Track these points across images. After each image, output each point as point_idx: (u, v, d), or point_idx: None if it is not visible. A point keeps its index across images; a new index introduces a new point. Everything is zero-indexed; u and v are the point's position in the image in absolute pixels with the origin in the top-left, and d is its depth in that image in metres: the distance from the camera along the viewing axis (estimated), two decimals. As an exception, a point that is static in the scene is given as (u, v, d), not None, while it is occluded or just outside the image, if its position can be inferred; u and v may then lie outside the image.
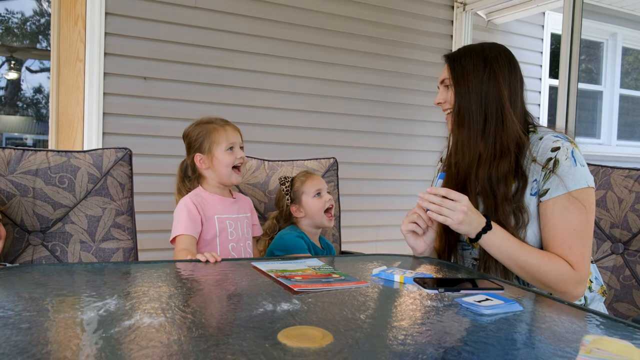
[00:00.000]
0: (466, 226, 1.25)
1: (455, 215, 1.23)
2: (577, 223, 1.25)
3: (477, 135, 1.34)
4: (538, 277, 1.25)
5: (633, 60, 5.36)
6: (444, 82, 1.42)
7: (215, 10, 2.75)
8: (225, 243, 1.66)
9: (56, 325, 0.77)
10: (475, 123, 1.33)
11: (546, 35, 4.06)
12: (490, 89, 1.33)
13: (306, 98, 3.05)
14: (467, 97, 1.34)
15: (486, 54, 1.36)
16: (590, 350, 0.70)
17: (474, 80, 1.34)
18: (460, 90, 1.35)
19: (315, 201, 1.84)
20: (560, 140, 1.30)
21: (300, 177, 1.90)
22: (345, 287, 1.07)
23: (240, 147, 1.70)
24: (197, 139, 1.68)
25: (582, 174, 1.27)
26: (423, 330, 0.81)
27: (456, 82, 1.36)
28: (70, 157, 1.70)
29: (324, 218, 1.85)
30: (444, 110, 1.45)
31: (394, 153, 3.37)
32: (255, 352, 0.67)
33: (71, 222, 1.66)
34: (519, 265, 1.26)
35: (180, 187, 1.76)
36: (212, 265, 1.29)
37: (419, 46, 3.40)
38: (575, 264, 1.24)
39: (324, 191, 1.87)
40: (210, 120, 1.71)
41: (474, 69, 1.34)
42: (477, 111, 1.33)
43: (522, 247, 1.26)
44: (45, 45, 5.42)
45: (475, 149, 1.34)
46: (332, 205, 1.87)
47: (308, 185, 1.86)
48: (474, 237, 1.26)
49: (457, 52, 1.43)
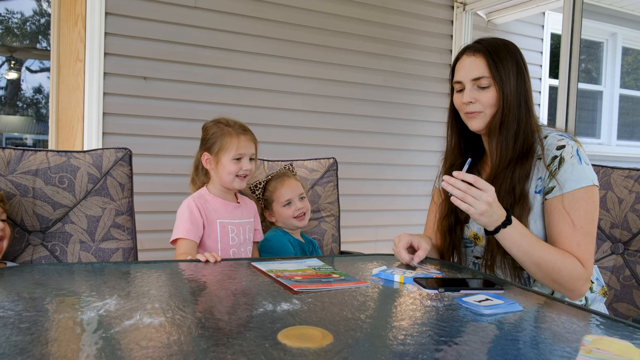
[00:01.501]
0: (487, 218, 1.20)
1: (479, 205, 1.18)
2: (584, 221, 1.25)
3: (512, 138, 1.32)
4: (551, 274, 1.23)
5: (633, 60, 5.35)
6: (479, 80, 1.33)
7: (215, 10, 2.75)
8: (227, 248, 1.65)
9: (56, 325, 0.77)
10: (512, 127, 1.31)
11: (546, 35, 4.06)
12: (523, 89, 1.32)
13: (306, 98, 3.05)
14: (509, 100, 1.31)
15: (513, 51, 1.34)
16: (590, 350, 0.70)
17: (513, 81, 1.31)
18: (504, 91, 1.31)
19: (284, 210, 1.86)
20: (565, 138, 1.31)
21: (273, 183, 1.90)
22: (345, 287, 1.07)
23: (251, 159, 1.68)
24: (210, 137, 1.67)
25: (587, 172, 1.27)
26: (423, 330, 0.81)
27: (499, 82, 1.31)
28: (70, 157, 1.70)
29: (294, 221, 1.87)
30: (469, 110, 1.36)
31: (394, 153, 3.37)
32: (255, 352, 0.67)
33: (71, 222, 1.66)
34: (534, 261, 1.23)
35: (194, 177, 1.75)
36: (212, 266, 1.29)
37: (419, 46, 3.40)
38: (584, 261, 1.24)
39: (295, 199, 1.87)
40: (228, 123, 1.68)
41: (512, 69, 1.31)
42: (514, 114, 1.31)
43: (538, 242, 1.24)
44: (45, 45, 5.42)
45: (511, 152, 1.32)
46: (303, 212, 1.88)
47: (277, 194, 1.87)
48: (492, 230, 1.23)
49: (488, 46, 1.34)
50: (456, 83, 1.39)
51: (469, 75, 1.34)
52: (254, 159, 1.70)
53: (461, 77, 1.36)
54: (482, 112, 1.34)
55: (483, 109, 1.34)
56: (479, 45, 1.35)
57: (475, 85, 1.33)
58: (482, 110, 1.34)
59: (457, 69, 1.39)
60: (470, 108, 1.35)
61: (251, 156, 1.68)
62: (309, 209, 1.92)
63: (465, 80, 1.35)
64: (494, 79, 1.31)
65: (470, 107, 1.35)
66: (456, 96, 1.40)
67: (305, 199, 1.92)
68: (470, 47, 1.37)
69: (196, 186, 1.74)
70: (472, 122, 1.37)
